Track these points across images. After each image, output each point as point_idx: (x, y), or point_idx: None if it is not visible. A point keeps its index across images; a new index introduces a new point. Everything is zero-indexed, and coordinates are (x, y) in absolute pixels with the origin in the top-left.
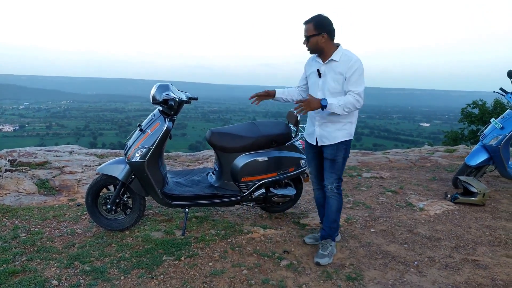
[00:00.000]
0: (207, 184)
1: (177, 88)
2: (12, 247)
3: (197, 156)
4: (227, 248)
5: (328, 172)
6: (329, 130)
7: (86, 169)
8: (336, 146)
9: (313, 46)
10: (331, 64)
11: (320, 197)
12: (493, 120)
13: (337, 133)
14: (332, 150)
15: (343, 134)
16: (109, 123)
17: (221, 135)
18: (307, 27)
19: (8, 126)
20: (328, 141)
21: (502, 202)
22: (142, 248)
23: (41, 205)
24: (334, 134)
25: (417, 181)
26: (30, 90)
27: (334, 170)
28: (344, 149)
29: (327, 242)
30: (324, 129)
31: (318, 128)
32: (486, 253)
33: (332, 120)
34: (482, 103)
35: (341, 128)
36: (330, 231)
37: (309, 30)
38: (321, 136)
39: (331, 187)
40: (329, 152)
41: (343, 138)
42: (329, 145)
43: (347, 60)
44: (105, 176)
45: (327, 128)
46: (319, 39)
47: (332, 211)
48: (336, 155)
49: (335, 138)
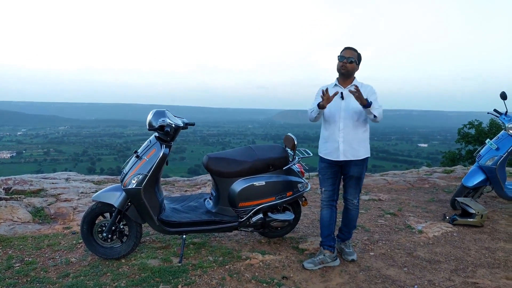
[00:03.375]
0: (204, 210)
1: (174, 113)
2: (6, 277)
3: (195, 181)
4: (225, 275)
5: (353, 189)
6: (354, 145)
7: (83, 196)
8: (362, 162)
9: (350, 69)
10: (352, 89)
11: (326, 216)
12: (488, 141)
13: (360, 148)
14: (358, 168)
15: (365, 150)
16: (108, 148)
17: (218, 160)
18: (351, 52)
19: (5, 153)
20: (353, 157)
21: (500, 223)
22: (139, 276)
23: (36, 234)
24: (358, 149)
25: (416, 202)
26: (28, 117)
27: (358, 186)
28: (366, 166)
29: (348, 242)
30: (349, 145)
31: (342, 144)
32: (485, 275)
33: (355, 137)
34: (478, 124)
35: (363, 143)
36: (349, 235)
37: (353, 55)
38: (345, 151)
39: (354, 202)
40: (356, 170)
41: (366, 154)
42: (355, 162)
43: (364, 85)
44: (101, 203)
45: (352, 143)
46: (355, 67)
47: (353, 220)
48: (362, 172)
49: (359, 153)
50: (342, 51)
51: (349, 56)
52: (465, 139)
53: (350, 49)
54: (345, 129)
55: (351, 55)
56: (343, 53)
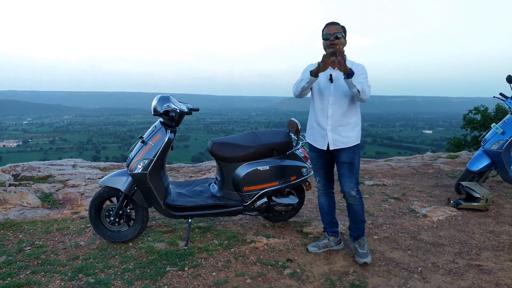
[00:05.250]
0: (209, 194)
1: (178, 99)
2: (17, 260)
3: (199, 167)
4: (231, 258)
5: (346, 177)
6: (343, 133)
7: (89, 182)
8: (352, 149)
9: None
10: None
11: (325, 204)
12: (494, 125)
13: (350, 135)
14: (349, 153)
15: (356, 136)
16: (112, 137)
17: (222, 145)
18: (335, 27)
19: (11, 141)
20: (343, 144)
21: (505, 207)
22: (146, 259)
23: (45, 219)
24: (348, 136)
25: (420, 187)
26: (33, 106)
27: (352, 173)
28: (358, 152)
29: (362, 239)
30: (338, 133)
31: (330, 133)
32: (490, 258)
33: (344, 123)
34: (483, 109)
35: (353, 129)
36: (360, 231)
37: (338, 30)
38: (334, 140)
39: (352, 193)
40: (346, 156)
41: (357, 140)
42: (345, 148)
43: (356, 65)
44: (108, 188)
45: (341, 131)
46: (344, 42)
47: (358, 214)
48: (354, 158)
49: (349, 140)
50: (325, 28)
51: (335, 31)
52: (471, 125)
53: (333, 24)
54: (333, 116)
55: (336, 30)
56: (327, 29)
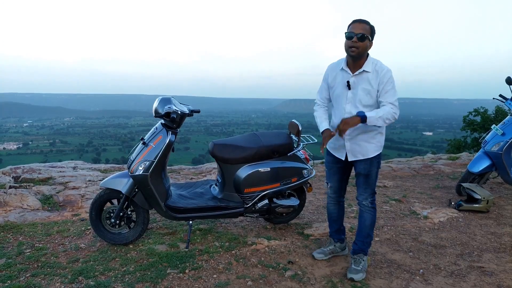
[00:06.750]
0: (210, 196)
1: (179, 101)
2: (17, 263)
3: (200, 169)
4: (232, 260)
5: (362, 188)
6: (361, 144)
7: (90, 184)
8: (370, 160)
9: (362, 49)
10: (362, 76)
11: (334, 212)
12: (494, 126)
13: (369, 147)
14: (366, 165)
15: (375, 147)
16: (112, 139)
17: (223, 146)
18: (362, 26)
19: (12, 144)
20: (362, 156)
21: (506, 208)
22: (146, 261)
23: (45, 221)
24: (366, 147)
25: (421, 189)
26: (33, 108)
27: (368, 185)
28: (377, 162)
29: (359, 256)
30: (356, 143)
31: (348, 143)
32: (491, 259)
33: (362, 133)
34: (483, 111)
35: (373, 139)
36: (363, 246)
37: (365, 29)
38: (352, 150)
39: (366, 203)
40: (362, 167)
41: (376, 152)
42: (362, 160)
43: (379, 71)
44: (108, 190)
45: (359, 141)
46: (368, 44)
47: (366, 226)
48: (370, 169)
49: (367, 152)
50: (350, 24)
51: (360, 31)
52: (471, 127)
53: (361, 22)
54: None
55: (363, 29)
56: (352, 27)
